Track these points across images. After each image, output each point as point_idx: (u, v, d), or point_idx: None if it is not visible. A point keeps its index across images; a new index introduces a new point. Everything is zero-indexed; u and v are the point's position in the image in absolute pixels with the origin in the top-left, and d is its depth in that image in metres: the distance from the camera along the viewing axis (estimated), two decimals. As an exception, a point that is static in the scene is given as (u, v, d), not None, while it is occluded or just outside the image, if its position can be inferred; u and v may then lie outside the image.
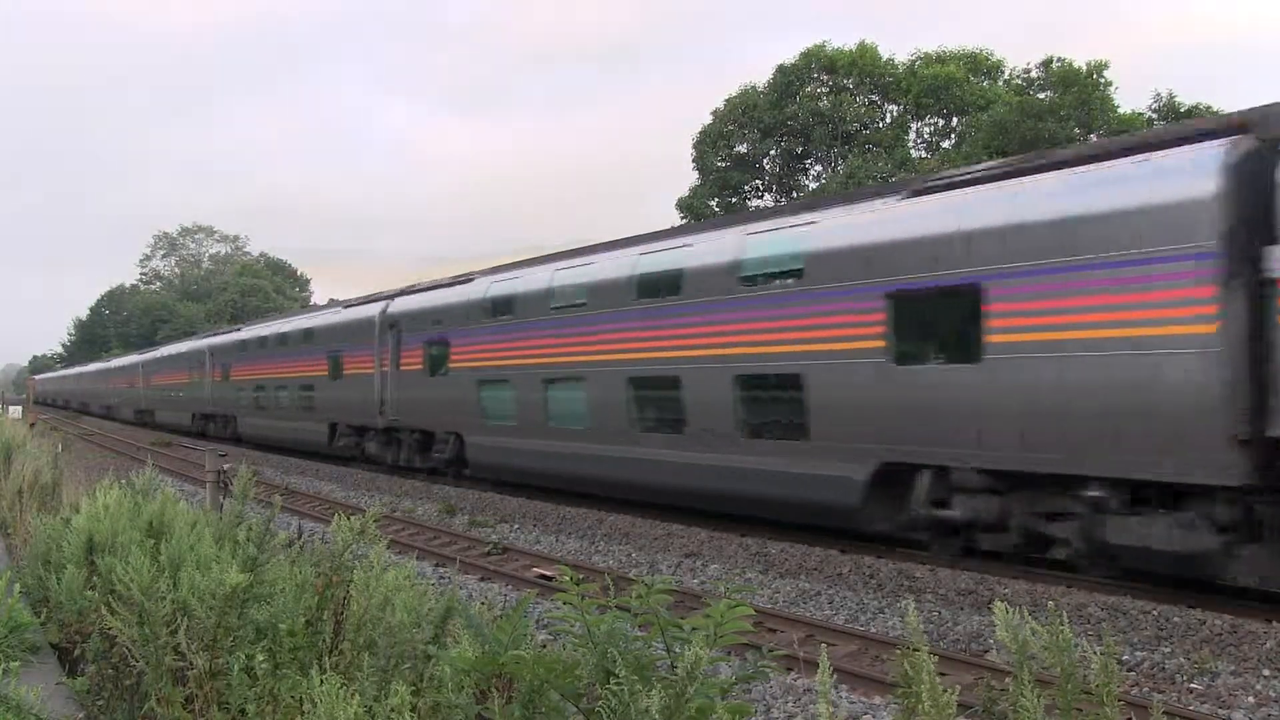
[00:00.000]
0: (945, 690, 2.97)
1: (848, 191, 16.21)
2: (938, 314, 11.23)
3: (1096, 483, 9.56)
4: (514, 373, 17.88)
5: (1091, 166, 10.03)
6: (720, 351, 13.48)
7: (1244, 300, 8.62)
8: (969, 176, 11.58)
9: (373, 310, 23.79)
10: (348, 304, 27.35)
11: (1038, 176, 10.53)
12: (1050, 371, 9.81)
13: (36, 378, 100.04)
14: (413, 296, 22.60)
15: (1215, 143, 9.07)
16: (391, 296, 23.69)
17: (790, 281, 12.74)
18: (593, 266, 16.52)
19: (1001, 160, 12.77)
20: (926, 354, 11.28)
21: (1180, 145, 9.39)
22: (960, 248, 10.73)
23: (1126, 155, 9.80)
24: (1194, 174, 8.95)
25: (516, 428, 17.97)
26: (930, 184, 12.06)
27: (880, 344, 11.49)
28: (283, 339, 30.48)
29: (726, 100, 44.24)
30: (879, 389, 11.45)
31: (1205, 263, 8.72)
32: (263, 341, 32.70)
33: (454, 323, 20.19)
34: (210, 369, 37.79)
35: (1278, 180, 8.59)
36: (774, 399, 12.98)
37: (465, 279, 20.97)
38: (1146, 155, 9.54)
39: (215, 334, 42.01)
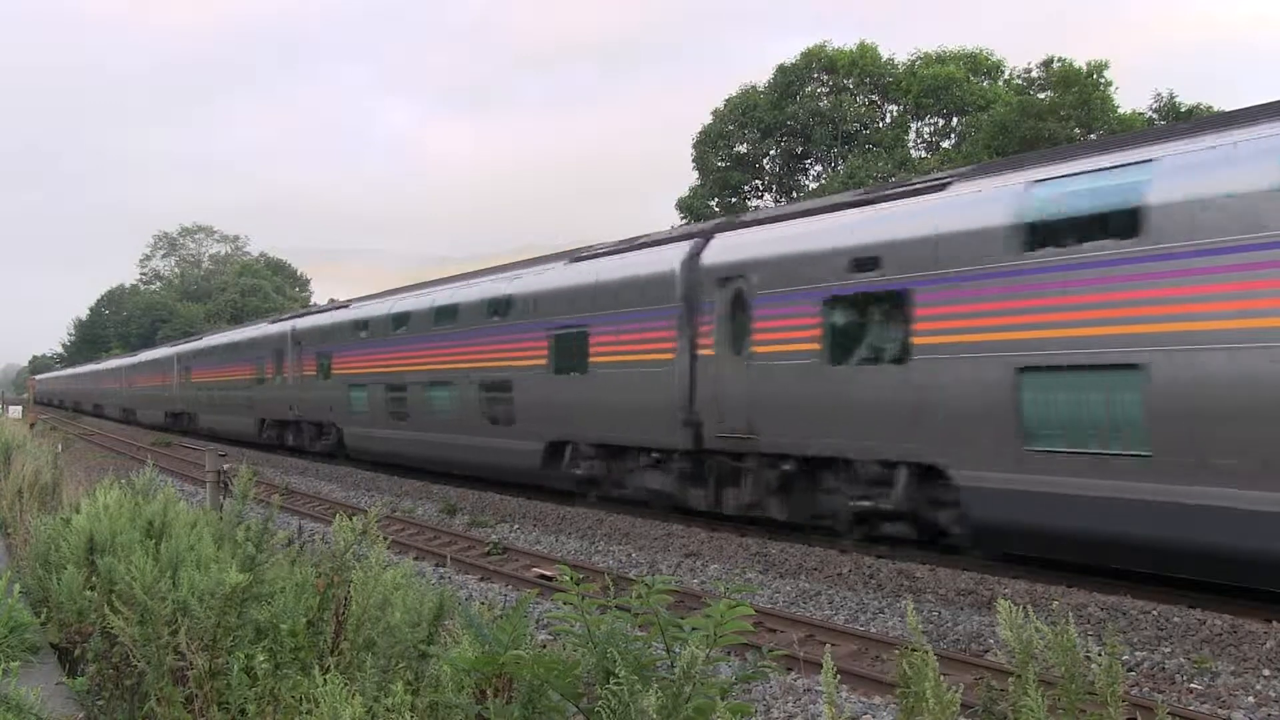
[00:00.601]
0: (950, 689, 2.96)
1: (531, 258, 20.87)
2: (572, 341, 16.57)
3: None
4: (368, 379, 23.93)
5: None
6: (470, 365, 19.47)
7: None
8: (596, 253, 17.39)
9: (284, 328, 29.84)
10: (273, 320, 33.39)
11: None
12: None
13: (37, 377, 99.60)
14: (309, 318, 29.26)
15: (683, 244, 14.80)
16: (297, 316, 29.79)
17: (496, 317, 18.84)
18: (410, 300, 22.82)
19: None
20: (567, 367, 16.54)
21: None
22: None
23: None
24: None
25: (370, 419, 23.89)
26: (581, 255, 17.59)
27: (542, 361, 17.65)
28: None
29: (726, 100, 44.23)
30: (545, 388, 17.24)
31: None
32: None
33: (334, 340, 26.08)
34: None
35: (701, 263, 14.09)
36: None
37: (344, 305, 27.56)
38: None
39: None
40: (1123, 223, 9.29)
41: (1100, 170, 9.78)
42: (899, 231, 11.53)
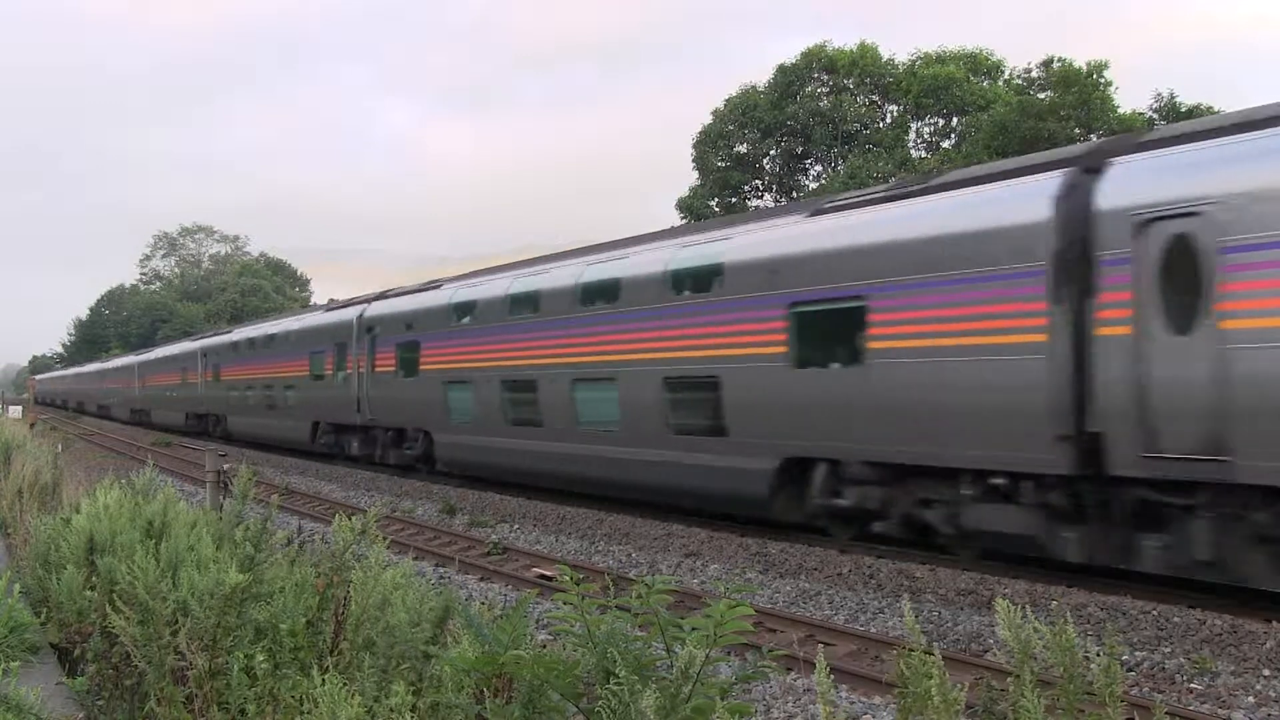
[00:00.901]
0: (954, 687, 2.97)
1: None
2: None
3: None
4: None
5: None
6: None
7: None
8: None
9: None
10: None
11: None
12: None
13: (37, 377, 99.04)
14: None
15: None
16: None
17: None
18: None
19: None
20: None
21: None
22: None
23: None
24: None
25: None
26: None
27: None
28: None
29: (726, 100, 44.23)
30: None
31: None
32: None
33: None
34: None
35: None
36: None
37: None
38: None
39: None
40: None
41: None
42: None
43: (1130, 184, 9.61)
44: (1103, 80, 34.33)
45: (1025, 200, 10.33)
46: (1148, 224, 9.25)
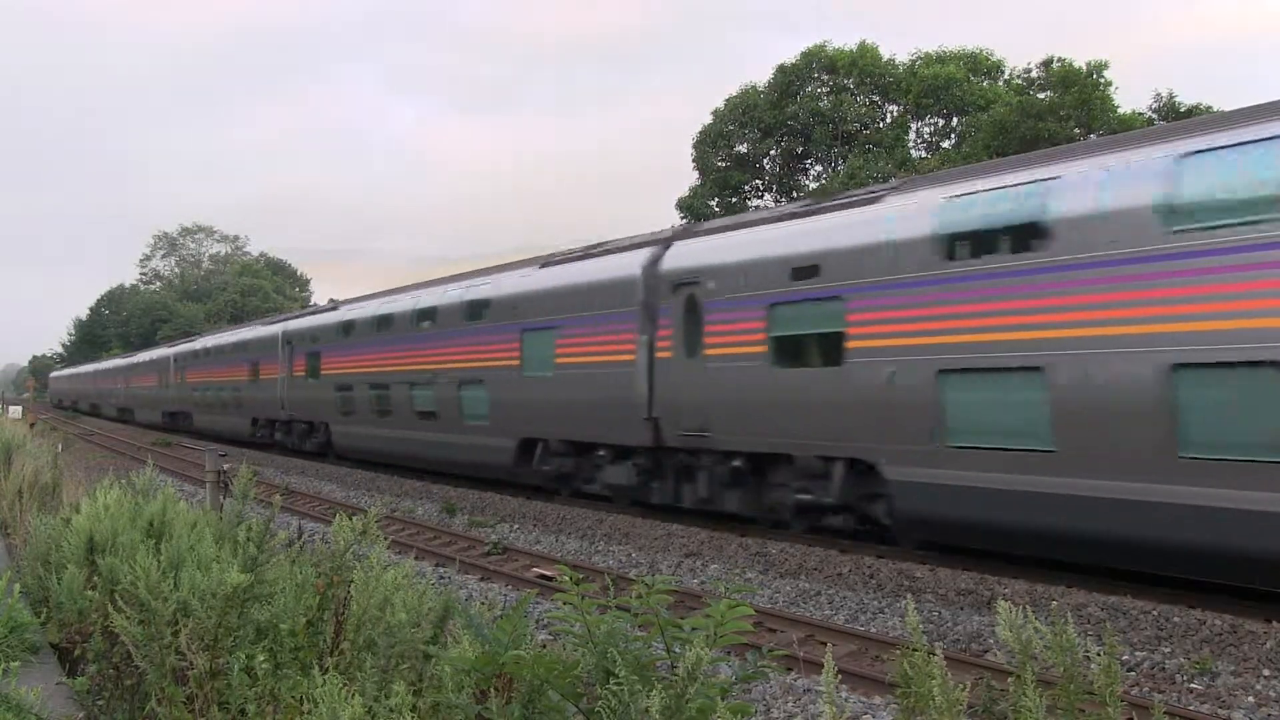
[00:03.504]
0: (956, 687, 2.97)
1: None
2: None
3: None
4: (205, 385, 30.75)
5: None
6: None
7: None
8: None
9: (167, 351, 35.09)
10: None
11: None
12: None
13: (51, 375, 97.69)
14: (184, 347, 36.62)
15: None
16: (174, 341, 34.90)
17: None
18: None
19: None
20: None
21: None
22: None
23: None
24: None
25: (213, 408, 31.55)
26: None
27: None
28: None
29: (727, 100, 44.19)
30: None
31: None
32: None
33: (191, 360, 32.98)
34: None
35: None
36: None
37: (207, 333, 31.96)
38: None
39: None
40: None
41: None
42: None
43: (675, 259, 14.90)
44: (1103, 80, 34.32)
45: (628, 265, 15.67)
46: (678, 286, 14.57)
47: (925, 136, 43.70)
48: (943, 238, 10.89)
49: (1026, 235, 10.12)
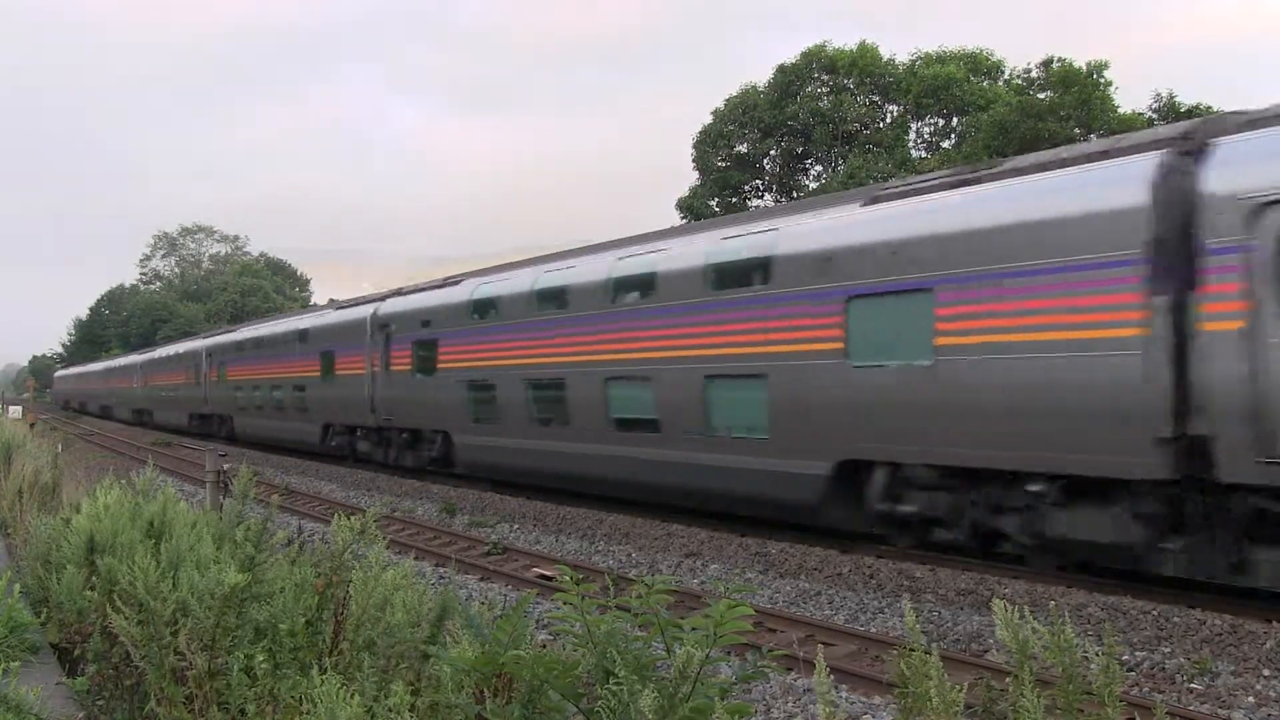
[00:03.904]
0: (952, 688, 2.97)
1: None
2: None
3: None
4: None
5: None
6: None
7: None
8: None
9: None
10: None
11: None
12: None
13: (58, 373, 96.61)
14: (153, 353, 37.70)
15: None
16: (149, 347, 35.37)
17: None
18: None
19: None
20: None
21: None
22: None
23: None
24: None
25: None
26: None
27: None
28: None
29: (727, 100, 44.20)
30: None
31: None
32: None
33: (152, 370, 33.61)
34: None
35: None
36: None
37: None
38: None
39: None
40: None
41: None
42: None
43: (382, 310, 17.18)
44: (1103, 80, 34.32)
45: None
46: (381, 326, 16.42)
47: (925, 136, 43.73)
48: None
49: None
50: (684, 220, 42.04)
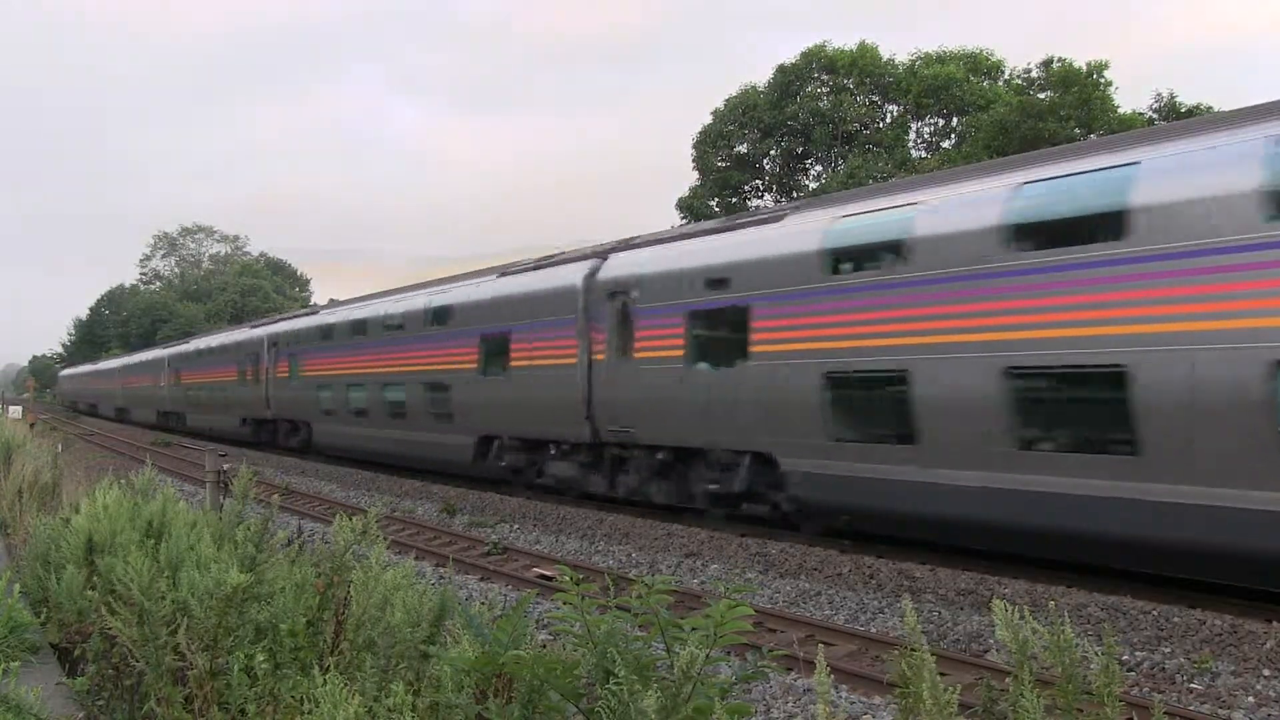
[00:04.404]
0: (947, 689, 2.97)
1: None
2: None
3: None
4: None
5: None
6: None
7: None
8: None
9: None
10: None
11: None
12: None
13: (63, 372, 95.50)
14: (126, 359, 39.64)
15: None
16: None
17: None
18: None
19: None
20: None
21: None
22: None
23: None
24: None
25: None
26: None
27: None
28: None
29: (726, 100, 44.18)
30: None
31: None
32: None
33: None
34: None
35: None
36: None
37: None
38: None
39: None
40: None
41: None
42: None
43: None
44: (1103, 80, 34.32)
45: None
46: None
47: (925, 136, 43.71)
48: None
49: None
50: (684, 220, 42.08)
